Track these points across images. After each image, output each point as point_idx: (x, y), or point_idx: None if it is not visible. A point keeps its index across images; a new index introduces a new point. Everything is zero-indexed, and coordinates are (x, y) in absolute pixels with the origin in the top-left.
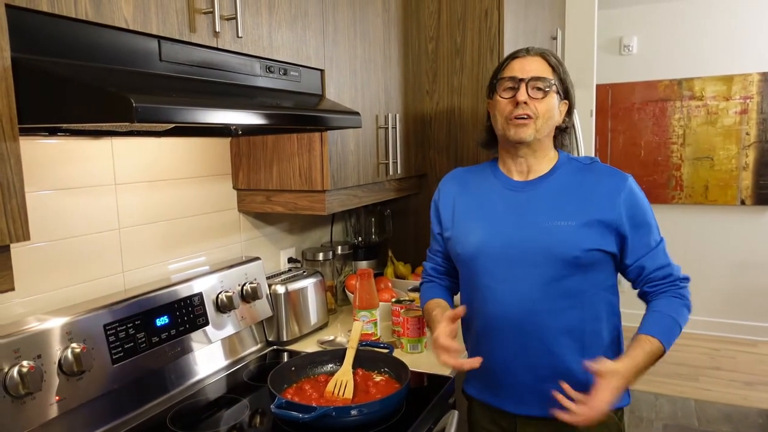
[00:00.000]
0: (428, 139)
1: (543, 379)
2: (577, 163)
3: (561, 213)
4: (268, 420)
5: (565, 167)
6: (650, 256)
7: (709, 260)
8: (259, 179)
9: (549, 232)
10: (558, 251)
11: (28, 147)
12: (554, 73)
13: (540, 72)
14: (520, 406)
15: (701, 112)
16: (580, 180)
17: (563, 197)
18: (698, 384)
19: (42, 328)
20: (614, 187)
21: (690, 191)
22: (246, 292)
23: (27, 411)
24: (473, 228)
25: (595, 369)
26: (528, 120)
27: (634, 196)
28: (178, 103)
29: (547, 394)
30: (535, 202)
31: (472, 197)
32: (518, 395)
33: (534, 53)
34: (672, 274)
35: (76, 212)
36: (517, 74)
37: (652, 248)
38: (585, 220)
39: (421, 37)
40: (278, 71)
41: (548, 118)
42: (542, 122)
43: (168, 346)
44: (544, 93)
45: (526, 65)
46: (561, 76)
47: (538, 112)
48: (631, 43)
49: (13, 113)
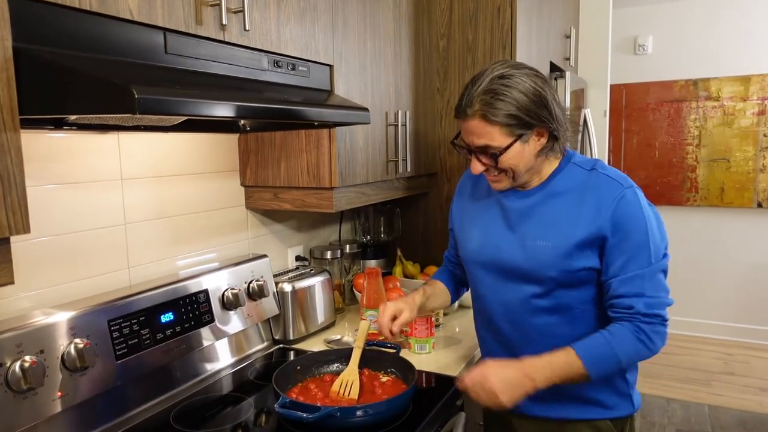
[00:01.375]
0: (439, 138)
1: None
2: (577, 168)
3: (546, 230)
4: (273, 419)
5: (564, 174)
6: (621, 280)
7: (723, 263)
8: (267, 176)
9: (530, 252)
10: (536, 272)
11: (34, 140)
12: (503, 129)
13: (483, 139)
14: (515, 407)
15: (717, 113)
16: (576, 190)
17: (553, 211)
18: (711, 389)
19: (45, 322)
20: (608, 196)
21: (705, 193)
22: (252, 289)
23: (29, 406)
24: (471, 235)
25: (462, 388)
26: (498, 175)
27: (627, 207)
28: (181, 96)
29: (541, 399)
30: (525, 218)
31: (476, 202)
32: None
33: (472, 114)
34: (633, 307)
35: (82, 207)
36: (466, 140)
37: (626, 272)
38: (569, 238)
39: (433, 34)
40: (286, 66)
41: (518, 165)
42: (513, 174)
43: (173, 343)
44: (496, 160)
45: (469, 132)
46: (520, 122)
47: (505, 168)
48: (647, 43)
49: (14, 104)
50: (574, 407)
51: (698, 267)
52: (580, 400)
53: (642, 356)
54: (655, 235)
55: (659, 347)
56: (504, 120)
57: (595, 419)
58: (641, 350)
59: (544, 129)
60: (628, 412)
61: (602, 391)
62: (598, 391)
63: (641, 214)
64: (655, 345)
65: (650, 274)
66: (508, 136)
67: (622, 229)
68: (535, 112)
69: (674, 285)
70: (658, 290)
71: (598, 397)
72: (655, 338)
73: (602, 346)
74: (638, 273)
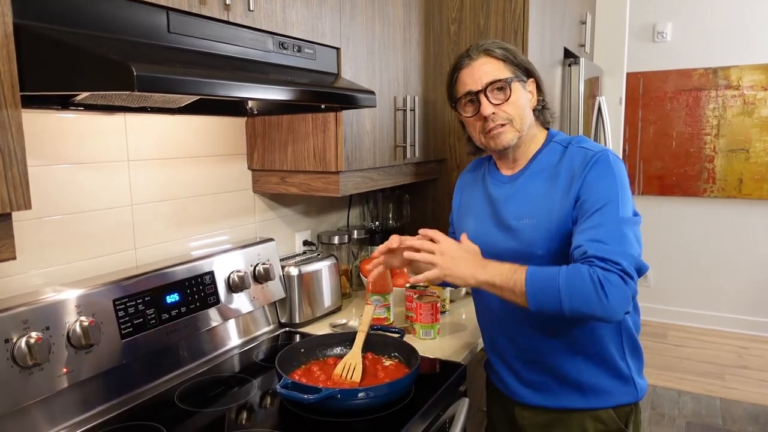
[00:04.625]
0: (448, 124)
1: (533, 373)
2: (556, 146)
3: (528, 209)
4: (277, 401)
5: (544, 152)
6: (582, 230)
7: (740, 256)
8: (274, 160)
9: (515, 232)
10: (525, 252)
11: (42, 121)
12: (506, 65)
13: (492, 74)
14: (515, 394)
15: (737, 102)
16: (553, 166)
17: (533, 189)
18: (724, 382)
19: (52, 300)
20: (580, 164)
21: (723, 184)
22: (258, 272)
23: (35, 381)
24: (467, 224)
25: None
26: (503, 127)
27: (597, 166)
28: (181, 74)
29: (539, 386)
30: (510, 200)
31: (470, 194)
32: (511, 383)
33: (477, 54)
34: (587, 252)
35: (90, 187)
36: (471, 87)
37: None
38: (550, 212)
39: (443, 19)
40: (292, 48)
41: (522, 112)
42: (519, 121)
43: (178, 324)
44: (506, 94)
45: (475, 72)
46: (515, 62)
47: (510, 115)
48: (665, 30)
49: (15, 80)
50: (573, 395)
51: (714, 259)
52: (579, 387)
53: (589, 303)
54: (626, 193)
55: (614, 305)
56: (504, 56)
57: (596, 409)
58: (590, 294)
59: (535, 83)
60: (631, 399)
61: (600, 375)
62: (595, 375)
63: (611, 171)
64: (607, 296)
65: (614, 224)
66: (511, 73)
67: (592, 187)
68: (527, 63)
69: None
70: (621, 242)
71: (596, 383)
72: (608, 287)
73: (550, 273)
74: (600, 222)
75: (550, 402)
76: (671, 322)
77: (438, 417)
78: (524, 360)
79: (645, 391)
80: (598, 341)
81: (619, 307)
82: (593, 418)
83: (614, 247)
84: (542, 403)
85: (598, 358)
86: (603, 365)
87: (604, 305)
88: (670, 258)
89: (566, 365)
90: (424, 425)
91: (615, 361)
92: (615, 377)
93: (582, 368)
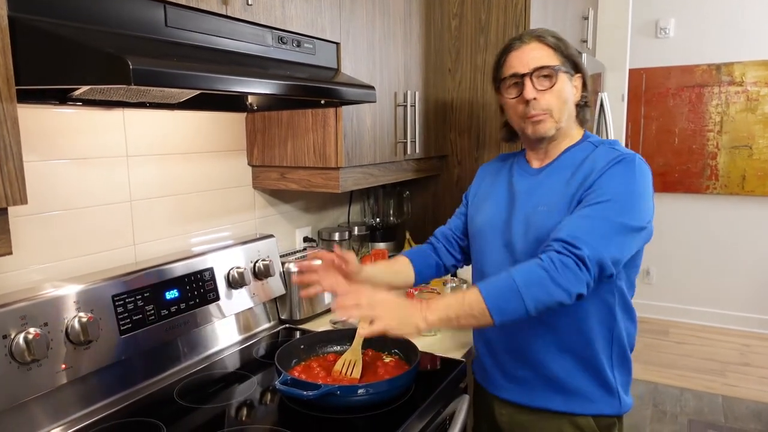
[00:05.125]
0: (449, 120)
1: (518, 366)
2: (588, 144)
3: (545, 197)
4: (277, 397)
5: (574, 150)
6: (566, 218)
7: (742, 253)
8: (274, 155)
9: (530, 221)
10: (532, 235)
11: (40, 116)
12: (557, 54)
13: (541, 60)
14: (497, 389)
15: (741, 99)
16: (580, 161)
17: (555, 181)
18: (726, 380)
19: (50, 296)
20: (605, 160)
21: (726, 181)
22: (258, 269)
23: (33, 377)
24: (482, 209)
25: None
26: (544, 116)
27: (622, 165)
28: (178, 68)
29: (522, 382)
30: (531, 192)
31: (491, 183)
32: (495, 377)
33: (528, 39)
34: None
35: (89, 183)
36: (518, 69)
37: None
38: (563, 201)
39: (444, 13)
40: (291, 43)
41: (564, 104)
42: (559, 112)
43: (177, 320)
44: (551, 81)
45: (524, 56)
46: (565, 53)
47: (551, 104)
48: (668, 26)
49: (10, 73)
50: (554, 396)
51: (716, 256)
52: (562, 388)
53: (547, 289)
54: (641, 201)
55: (570, 287)
56: (556, 45)
57: (576, 414)
58: (544, 280)
59: (581, 80)
60: (613, 412)
61: (585, 380)
62: (580, 378)
63: (632, 173)
64: (561, 277)
65: (602, 221)
66: (560, 63)
67: (604, 182)
68: (577, 58)
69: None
70: (595, 236)
71: (580, 387)
72: (562, 270)
73: (502, 279)
74: (590, 214)
75: (530, 400)
76: (673, 319)
77: (438, 414)
78: (511, 351)
79: (629, 408)
80: (588, 344)
81: (571, 287)
82: (572, 423)
83: (584, 237)
84: (522, 401)
85: (585, 362)
86: (589, 369)
87: (557, 287)
88: (672, 255)
89: (553, 363)
90: (423, 422)
91: (602, 369)
92: (599, 386)
93: (568, 369)
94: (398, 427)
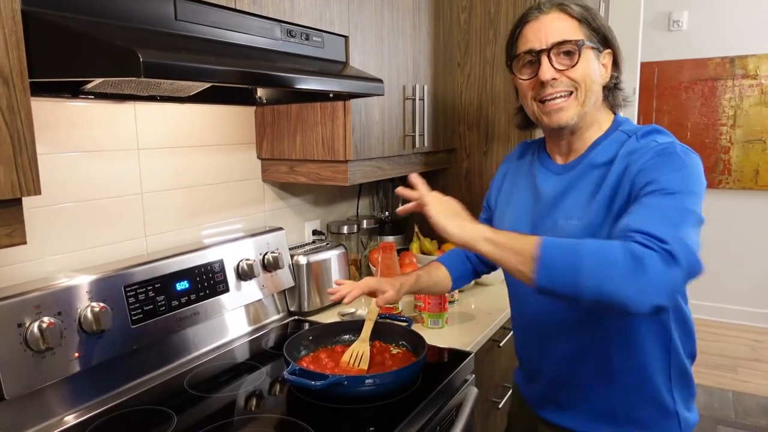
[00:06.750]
0: (458, 113)
1: (557, 388)
2: (621, 134)
3: (576, 207)
4: (286, 388)
5: (606, 143)
6: (630, 212)
7: (754, 249)
8: (283, 149)
9: (558, 227)
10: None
11: (54, 109)
12: (582, 26)
13: (562, 33)
14: (539, 408)
15: (754, 92)
16: (611, 158)
17: (587, 185)
18: (737, 375)
19: (63, 285)
20: (642, 150)
21: (739, 176)
22: (267, 261)
23: (47, 365)
24: (505, 217)
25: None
26: (565, 99)
27: (663, 154)
28: (187, 60)
29: (567, 408)
30: (562, 196)
31: (512, 182)
32: (537, 395)
33: (549, 8)
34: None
35: (101, 175)
36: (534, 45)
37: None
38: (599, 211)
39: (454, 6)
40: (300, 36)
41: (590, 85)
42: (584, 94)
43: (188, 311)
44: (574, 59)
45: (542, 28)
46: (592, 24)
47: (576, 82)
48: (681, 19)
49: (24, 66)
50: (603, 426)
51: (729, 252)
52: (612, 415)
53: (616, 279)
54: (699, 194)
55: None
56: (582, 15)
57: None
58: (619, 267)
59: (612, 57)
60: None
61: (638, 407)
62: (631, 404)
63: (682, 163)
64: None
65: (676, 211)
66: (585, 37)
67: (657, 175)
68: (607, 30)
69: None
70: (677, 226)
71: (632, 414)
72: (646, 262)
73: (571, 240)
74: (659, 205)
75: (577, 425)
76: None
77: (444, 405)
78: (554, 373)
79: (692, 426)
80: (641, 369)
81: (652, 291)
82: None
83: (666, 227)
84: (569, 426)
85: (637, 388)
86: (642, 393)
87: (635, 284)
88: None
89: (600, 393)
90: (430, 413)
91: (658, 393)
92: (655, 410)
93: (618, 398)
94: (405, 418)
